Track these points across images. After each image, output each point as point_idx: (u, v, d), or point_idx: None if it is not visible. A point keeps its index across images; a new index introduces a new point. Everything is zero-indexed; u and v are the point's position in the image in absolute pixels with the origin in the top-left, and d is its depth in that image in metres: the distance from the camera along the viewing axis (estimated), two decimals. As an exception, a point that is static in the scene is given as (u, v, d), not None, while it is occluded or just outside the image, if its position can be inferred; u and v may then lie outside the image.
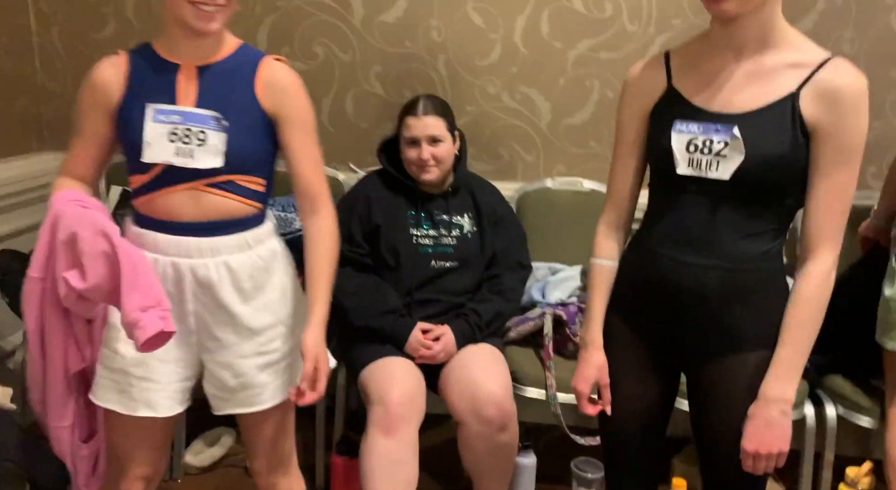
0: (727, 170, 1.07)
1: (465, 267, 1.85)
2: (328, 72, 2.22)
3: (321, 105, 2.25)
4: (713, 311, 1.13)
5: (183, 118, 1.20)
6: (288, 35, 2.19)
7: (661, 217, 1.17)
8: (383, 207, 1.82)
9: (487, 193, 1.91)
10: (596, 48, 2.13)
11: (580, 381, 1.26)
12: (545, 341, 1.85)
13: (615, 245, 1.28)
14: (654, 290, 1.18)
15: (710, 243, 1.11)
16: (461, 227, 1.85)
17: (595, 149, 2.24)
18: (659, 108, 1.16)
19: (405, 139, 1.78)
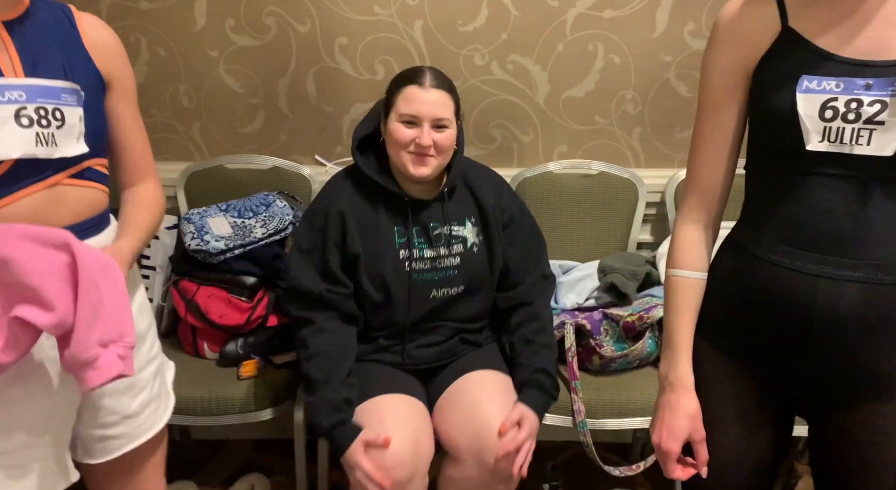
0: (887, 142, 0.76)
1: (473, 293, 1.46)
2: (283, 49, 1.86)
3: (277, 87, 1.89)
4: (854, 340, 0.83)
5: (26, 94, 0.89)
6: (233, 5, 1.82)
7: (779, 214, 0.86)
8: (362, 226, 1.38)
9: (490, 186, 1.48)
10: (598, 6, 1.81)
11: (667, 438, 0.94)
12: (568, 357, 1.55)
13: (704, 252, 0.96)
14: (770, 313, 0.87)
15: (858, 248, 0.81)
16: (464, 239, 1.43)
17: (602, 124, 1.94)
18: (771, 60, 0.84)
19: (401, 115, 1.32)
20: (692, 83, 1.89)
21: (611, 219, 1.94)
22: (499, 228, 1.46)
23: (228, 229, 1.71)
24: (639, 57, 1.86)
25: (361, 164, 1.39)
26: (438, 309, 1.44)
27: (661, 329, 1.60)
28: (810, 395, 0.89)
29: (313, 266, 1.39)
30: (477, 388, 1.39)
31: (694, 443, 0.94)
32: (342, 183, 1.43)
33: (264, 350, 1.65)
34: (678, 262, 0.96)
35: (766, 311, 0.88)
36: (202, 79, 1.89)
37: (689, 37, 1.84)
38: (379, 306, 1.42)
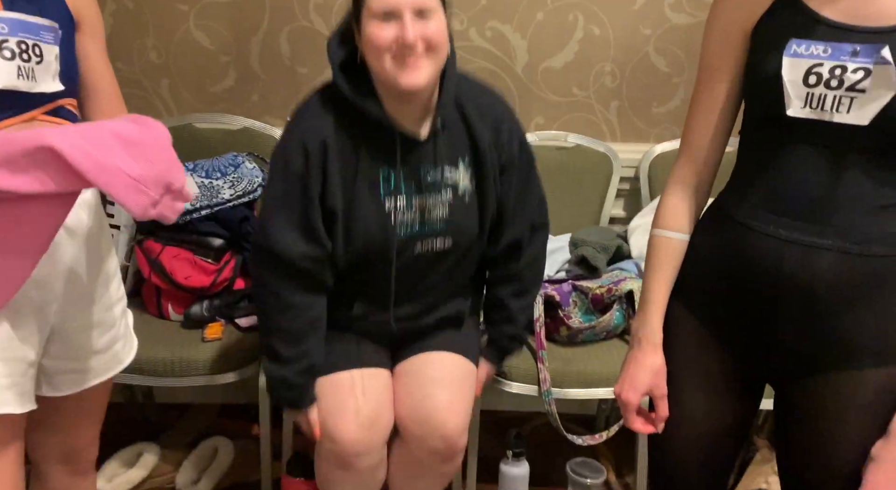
0: (866, 112, 0.75)
1: (462, 249, 1.28)
2: (256, 6, 1.80)
3: (249, 45, 1.84)
4: (824, 308, 0.83)
5: (8, 27, 0.89)
6: (203, -44, 1.75)
7: (758, 178, 0.86)
8: (342, 174, 1.17)
9: (490, 124, 1.24)
10: (581, -26, 1.79)
11: (628, 389, 0.95)
12: (536, 327, 1.55)
13: (688, 213, 0.95)
14: (740, 277, 0.87)
15: (829, 216, 0.81)
16: (454, 185, 1.23)
17: (579, 96, 1.92)
18: (766, 22, 0.83)
19: (373, 13, 1.08)
20: (671, 58, 1.88)
21: (585, 192, 1.94)
22: (495, 171, 1.26)
23: (195, 189, 1.67)
24: (619, 29, 1.85)
25: (343, 86, 1.15)
26: (423, 268, 1.28)
27: (630, 302, 1.62)
28: (778, 361, 0.90)
29: (291, 221, 1.18)
30: (437, 373, 1.34)
31: (654, 398, 0.96)
32: (321, 110, 1.18)
33: (230, 313, 1.63)
34: (660, 222, 0.97)
35: (736, 273, 0.88)
36: (171, 33, 1.82)
37: (669, 10, 1.82)
38: (357, 268, 1.26)
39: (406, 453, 1.35)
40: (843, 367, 0.85)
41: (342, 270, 1.26)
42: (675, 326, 0.96)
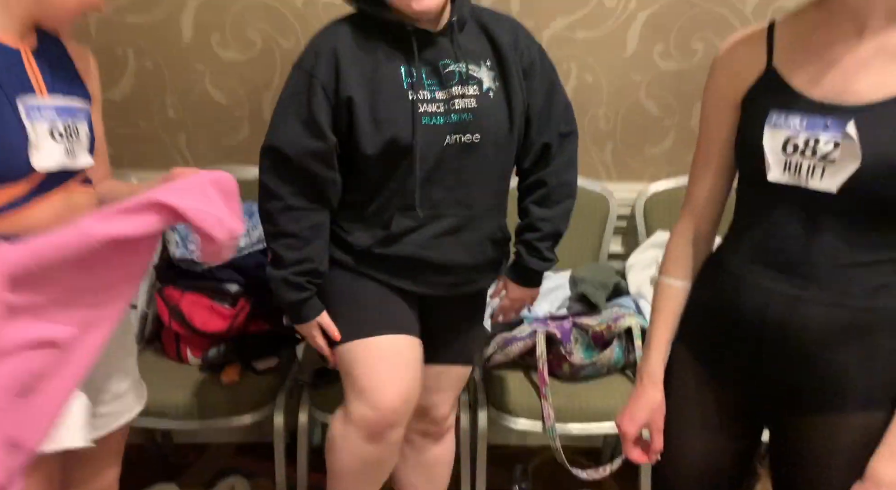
0: (835, 179, 0.82)
1: (492, 144, 1.25)
2: (268, 64, 1.92)
3: (262, 99, 1.95)
4: (810, 354, 0.89)
5: (57, 113, 1.02)
6: (219, 20, 1.87)
7: (747, 233, 0.94)
8: (359, 66, 1.19)
9: (505, 27, 1.28)
10: (572, 27, 1.89)
11: (627, 421, 1.03)
12: (539, 364, 1.62)
13: (690, 263, 1.04)
14: (735, 323, 0.94)
15: (809, 271, 0.87)
16: (479, 81, 1.23)
17: (574, 139, 2.01)
18: (753, 94, 0.91)
19: None
20: (661, 102, 1.97)
21: (583, 230, 2.01)
22: (519, 74, 1.27)
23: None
24: (611, 76, 1.94)
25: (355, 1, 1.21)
26: (453, 165, 1.24)
27: (629, 338, 1.69)
28: (769, 404, 0.96)
29: (297, 115, 1.20)
30: (442, 384, 1.46)
31: (651, 432, 1.03)
32: (335, 25, 1.24)
33: (246, 356, 1.70)
34: (664, 269, 1.06)
35: (729, 319, 0.95)
36: (188, 91, 1.94)
37: (658, 58, 1.92)
38: (379, 166, 1.23)
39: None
40: (830, 411, 0.90)
41: (372, 168, 1.24)
42: (677, 367, 1.04)
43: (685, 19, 1.88)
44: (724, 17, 1.87)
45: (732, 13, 1.87)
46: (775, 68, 0.89)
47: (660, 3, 1.86)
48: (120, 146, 1.95)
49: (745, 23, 1.87)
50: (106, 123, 1.20)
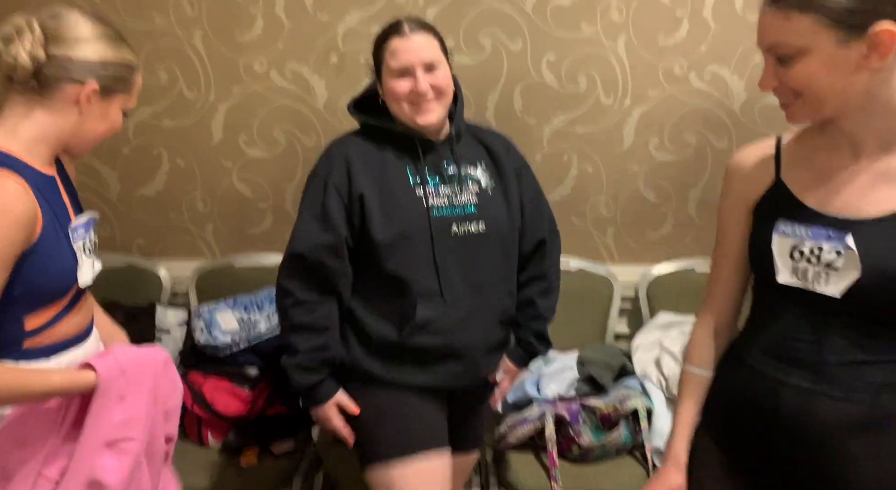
0: (838, 285, 0.90)
1: (496, 233, 1.38)
2: (291, 160, 2.07)
3: (284, 192, 2.09)
4: (822, 446, 0.94)
5: (83, 229, 1.10)
6: (247, 122, 2.04)
7: (761, 327, 1.01)
8: (369, 169, 1.33)
9: (498, 139, 1.48)
10: (572, 123, 2.04)
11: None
12: (549, 446, 1.66)
13: (711, 352, 1.11)
14: (750, 413, 1.00)
15: (818, 367, 0.94)
16: (477, 180, 1.39)
17: (577, 225, 2.12)
18: (763, 203, 1.00)
19: (391, 71, 1.31)
20: (658, 190, 2.09)
21: (589, 312, 2.09)
22: (513, 175, 1.44)
23: (235, 324, 1.85)
24: (609, 166, 2.07)
25: (360, 114, 1.38)
26: (464, 254, 1.35)
27: (636, 419, 1.73)
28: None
29: (310, 214, 1.33)
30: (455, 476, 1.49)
31: None
32: (346, 137, 1.40)
33: (264, 439, 1.76)
34: (687, 358, 1.13)
35: (743, 410, 1.01)
36: (216, 186, 2.09)
37: (653, 150, 2.06)
38: (391, 255, 1.31)
39: None
40: None
41: (388, 260, 1.31)
42: (701, 454, 1.08)
43: (677, 116, 2.02)
44: (714, 113, 2.02)
45: (721, 109, 2.01)
46: (783, 180, 0.99)
47: (654, 101, 2.01)
48: (151, 237, 2.09)
49: (732, 118, 2.01)
50: (139, 216, 1.32)
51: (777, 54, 0.88)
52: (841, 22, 0.82)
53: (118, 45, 1.07)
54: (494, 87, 2.01)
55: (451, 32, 1.95)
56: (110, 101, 1.08)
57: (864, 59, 0.84)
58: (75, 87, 1.02)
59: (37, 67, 1.00)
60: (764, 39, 0.89)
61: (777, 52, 0.87)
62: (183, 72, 2.01)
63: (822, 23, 0.82)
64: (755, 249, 1.01)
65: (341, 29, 1.96)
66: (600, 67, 1.99)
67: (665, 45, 1.97)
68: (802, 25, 0.83)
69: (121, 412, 1.00)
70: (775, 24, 0.86)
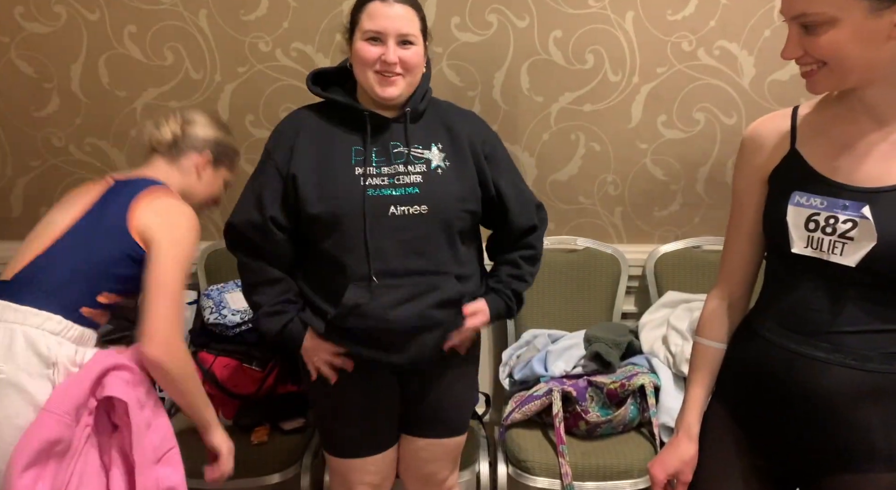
0: (853, 255, 0.90)
1: (439, 216, 1.32)
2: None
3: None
4: (835, 416, 0.94)
5: None
6: (252, 102, 2.04)
7: (775, 299, 1.01)
8: (314, 144, 1.33)
9: (468, 121, 1.41)
10: (579, 100, 2.02)
11: (658, 467, 1.09)
12: (556, 422, 1.67)
13: (724, 325, 1.11)
14: (764, 385, 1.01)
15: (832, 336, 0.94)
16: (427, 160, 1.34)
17: (585, 204, 2.12)
18: (778, 174, 1.00)
19: (364, 33, 1.28)
20: (667, 168, 2.08)
21: (596, 291, 2.09)
22: (478, 160, 1.38)
23: (244, 304, 1.86)
24: (617, 145, 2.06)
25: (315, 89, 1.35)
26: (400, 235, 1.31)
27: (643, 395, 1.73)
28: (798, 462, 1.01)
29: (250, 190, 1.37)
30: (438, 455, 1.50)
31: (678, 483, 1.09)
32: (301, 110, 1.40)
33: (274, 417, 1.78)
34: (699, 331, 1.13)
35: (757, 379, 1.02)
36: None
37: (661, 127, 2.04)
38: (327, 236, 1.31)
39: None
40: (856, 471, 0.94)
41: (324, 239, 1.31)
42: (714, 424, 1.10)
43: (685, 92, 2.00)
44: (723, 88, 2.00)
45: (730, 85, 1.99)
46: (798, 151, 0.98)
47: (661, 77, 1.99)
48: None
49: (742, 94, 1.99)
50: None
51: (804, 23, 0.86)
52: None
53: (226, 132, 1.49)
54: (501, 65, 2.00)
55: (457, 10, 1.93)
56: (218, 170, 1.47)
57: (895, 28, 0.82)
58: (197, 155, 1.42)
59: (175, 139, 1.41)
60: (791, 8, 0.87)
61: (804, 21, 0.86)
62: (188, 52, 2.00)
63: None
64: (770, 220, 1.00)
65: (346, 6, 1.94)
66: (608, 44, 1.97)
67: (673, 21, 1.95)
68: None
69: (154, 437, 1.21)
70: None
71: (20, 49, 1.99)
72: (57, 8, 1.95)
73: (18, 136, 2.05)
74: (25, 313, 1.16)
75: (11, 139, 2.06)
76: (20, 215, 2.12)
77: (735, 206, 1.08)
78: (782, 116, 1.02)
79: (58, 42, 1.97)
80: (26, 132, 2.05)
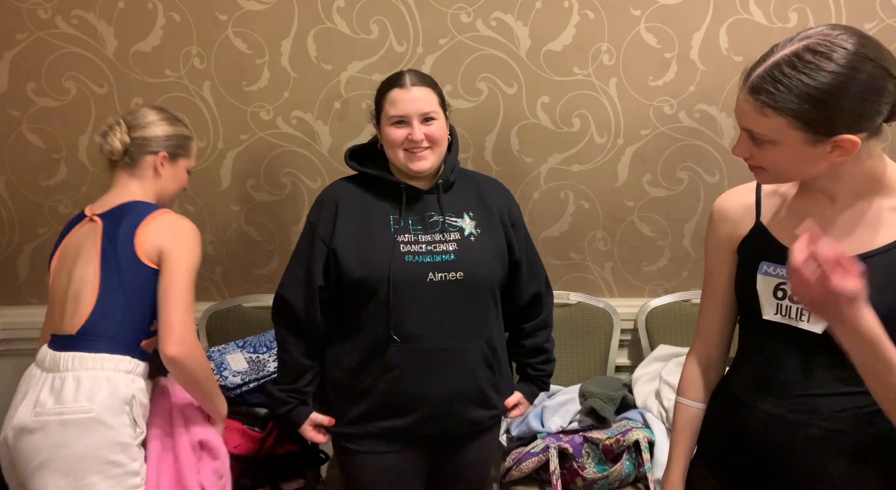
0: (820, 322, 0.96)
1: (475, 281, 1.42)
2: (296, 203, 2.14)
3: (290, 234, 2.16)
4: (809, 474, 0.99)
5: None
6: (255, 168, 2.12)
7: (749, 362, 1.07)
8: (355, 216, 1.44)
9: (498, 190, 1.55)
10: (567, 161, 2.11)
11: None
12: (553, 479, 1.69)
13: (703, 385, 1.16)
14: (741, 444, 1.05)
15: (803, 398, 0.99)
16: (461, 229, 1.45)
17: (576, 259, 2.18)
18: (746, 245, 1.07)
19: (390, 119, 1.41)
20: (653, 224, 2.15)
21: (590, 344, 2.13)
22: (507, 226, 1.50)
23: (245, 365, 1.90)
24: (605, 202, 2.14)
25: (353, 164, 1.48)
26: (437, 304, 1.40)
27: (638, 451, 1.76)
28: None
29: (298, 263, 1.46)
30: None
31: None
32: (340, 182, 1.52)
33: (275, 478, 1.79)
34: (680, 391, 1.19)
35: (731, 439, 1.06)
36: (225, 229, 2.16)
37: (647, 185, 2.12)
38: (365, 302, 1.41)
39: None
40: None
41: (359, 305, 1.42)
42: (697, 482, 1.14)
43: (669, 153, 2.09)
44: (704, 149, 2.09)
45: (711, 146, 2.08)
46: (763, 224, 1.05)
47: (645, 138, 2.08)
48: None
49: (723, 154, 2.08)
50: None
51: (751, 135, 0.94)
52: (809, 127, 0.88)
53: (175, 123, 1.53)
54: (492, 129, 2.09)
55: (448, 79, 2.03)
56: (177, 163, 1.53)
57: (828, 155, 0.91)
58: (153, 157, 1.48)
59: (125, 148, 1.46)
60: (740, 121, 0.95)
61: (751, 134, 0.94)
62: (193, 121, 2.09)
63: (793, 124, 0.89)
64: (741, 287, 1.06)
65: (344, 77, 2.05)
66: (593, 108, 2.07)
67: (655, 86, 2.05)
68: (775, 122, 0.90)
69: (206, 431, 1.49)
70: (752, 114, 0.92)
71: (30, 122, 2.07)
72: (67, 83, 2.04)
73: (26, 204, 2.12)
74: (102, 360, 1.35)
75: (19, 207, 2.13)
76: (25, 280, 2.17)
77: (707, 272, 1.14)
78: (747, 190, 1.10)
79: (66, 115, 2.06)
80: (33, 201, 2.12)
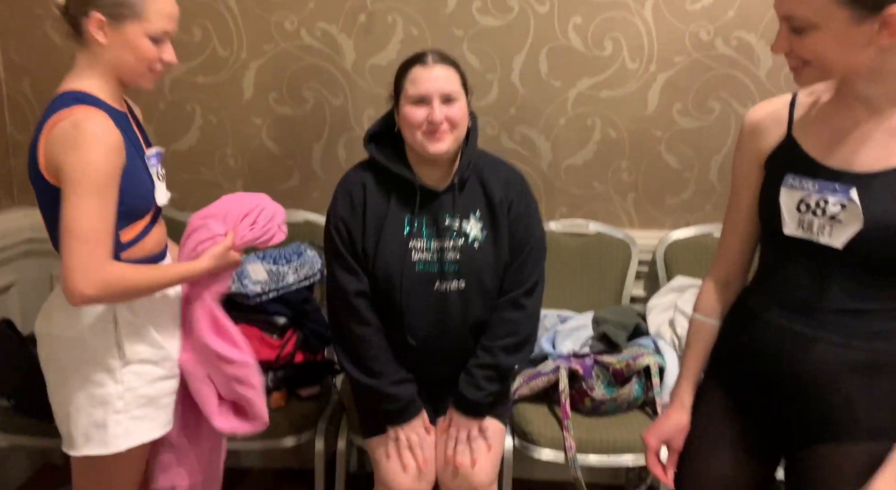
0: (840, 237, 0.95)
1: (476, 288, 1.45)
2: (318, 119, 2.12)
3: (312, 151, 2.15)
4: (818, 388, 1.00)
5: (156, 159, 1.32)
6: (277, 80, 2.10)
7: (766, 278, 1.07)
8: (375, 210, 1.44)
9: (501, 181, 1.49)
10: (597, 87, 2.06)
11: (651, 434, 1.16)
12: (562, 398, 1.73)
13: (719, 303, 1.17)
14: (754, 359, 1.06)
15: (817, 313, 0.99)
16: (465, 234, 1.45)
17: (598, 189, 2.16)
18: (774, 158, 1.05)
19: (409, 98, 1.38)
20: (680, 156, 2.11)
21: (606, 275, 2.13)
22: (504, 224, 1.47)
23: (264, 275, 1.93)
24: (632, 132, 2.10)
25: (374, 153, 1.45)
26: (440, 311, 1.45)
27: (648, 375, 1.79)
28: (784, 432, 1.06)
29: (341, 267, 1.46)
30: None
31: (669, 450, 1.15)
32: (359, 171, 1.49)
33: (291, 383, 1.85)
34: (696, 307, 1.19)
35: (748, 355, 1.07)
36: (247, 143, 2.15)
37: (677, 115, 2.07)
38: (385, 301, 1.45)
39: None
40: (840, 441, 0.99)
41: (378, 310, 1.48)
42: (707, 397, 1.16)
43: (702, 82, 2.03)
44: (739, 79, 2.02)
45: (746, 76, 2.02)
46: (794, 137, 1.03)
47: (678, 66, 2.02)
48: (184, 191, 2.17)
49: (758, 85, 2.02)
50: (171, 170, 1.47)
51: (790, 24, 0.90)
52: (856, 1, 0.84)
53: None
54: (520, 50, 2.03)
55: (479, -7, 1.97)
56: (123, 28, 1.16)
57: (875, 36, 0.86)
58: (86, 20, 1.15)
59: (64, 12, 1.17)
60: (780, 8, 0.92)
61: (791, 22, 0.90)
62: (216, 29, 2.06)
63: (838, 1, 0.85)
64: (764, 202, 1.05)
65: (371, -11, 1.99)
66: (627, 32, 2.00)
67: (692, 10, 1.97)
68: (818, 2, 0.86)
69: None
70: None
71: (54, 22, 2.04)
72: None
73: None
74: None
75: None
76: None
77: (734, 189, 1.13)
78: (781, 102, 1.07)
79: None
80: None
